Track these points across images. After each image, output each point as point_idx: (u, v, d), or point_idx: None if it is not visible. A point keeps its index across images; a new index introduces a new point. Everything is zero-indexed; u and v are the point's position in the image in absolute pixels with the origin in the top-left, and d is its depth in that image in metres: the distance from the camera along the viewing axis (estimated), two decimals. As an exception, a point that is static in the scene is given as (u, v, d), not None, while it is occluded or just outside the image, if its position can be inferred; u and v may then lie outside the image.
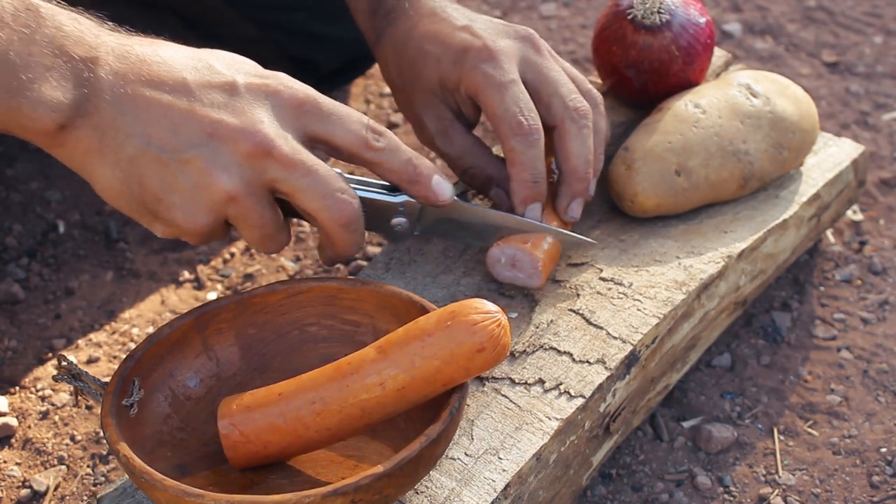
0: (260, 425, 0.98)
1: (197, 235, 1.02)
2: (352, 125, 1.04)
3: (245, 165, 0.99)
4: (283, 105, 1.01)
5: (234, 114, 0.99)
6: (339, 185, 1.02)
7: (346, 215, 1.02)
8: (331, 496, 0.89)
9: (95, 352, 1.37)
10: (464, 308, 0.94)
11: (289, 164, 0.99)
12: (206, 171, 0.98)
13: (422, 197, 1.08)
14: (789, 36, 1.87)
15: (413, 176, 1.07)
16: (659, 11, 1.30)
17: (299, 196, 1.01)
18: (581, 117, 1.17)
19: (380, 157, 1.05)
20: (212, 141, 0.98)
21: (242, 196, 1.00)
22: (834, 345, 1.35)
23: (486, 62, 1.15)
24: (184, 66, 1.00)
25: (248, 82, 1.01)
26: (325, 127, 1.03)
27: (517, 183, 1.15)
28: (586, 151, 1.17)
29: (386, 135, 1.05)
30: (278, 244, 1.06)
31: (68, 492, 1.21)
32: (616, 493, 1.20)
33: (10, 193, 1.58)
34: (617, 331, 1.14)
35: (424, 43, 1.19)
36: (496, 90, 1.14)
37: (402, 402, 0.95)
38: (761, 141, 1.27)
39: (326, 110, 1.03)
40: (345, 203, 1.02)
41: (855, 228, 1.50)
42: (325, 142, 1.04)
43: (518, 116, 1.13)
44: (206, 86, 1.00)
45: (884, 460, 1.22)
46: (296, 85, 1.03)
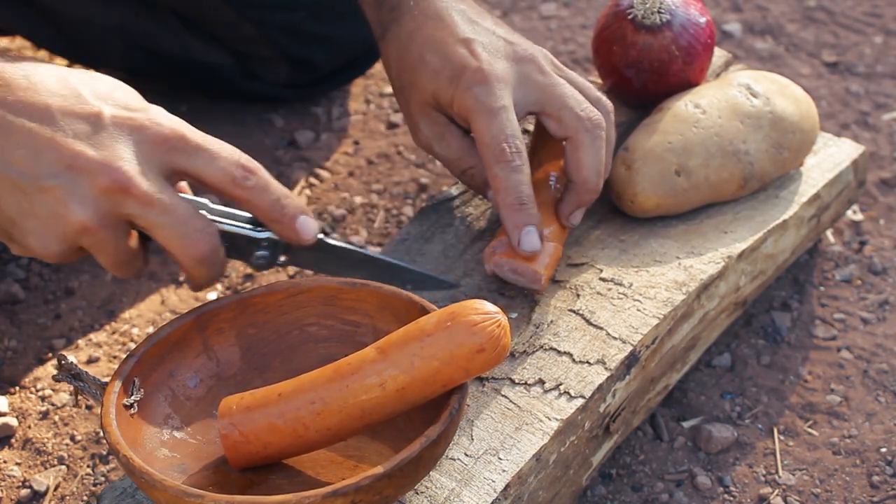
0: (260, 426, 0.98)
1: (50, 259, 1.02)
2: (221, 162, 1.02)
3: (101, 199, 0.98)
4: (147, 140, 1.01)
5: (95, 146, 0.98)
6: (197, 223, 1.02)
7: (201, 252, 1.02)
8: (331, 497, 0.89)
9: (95, 352, 1.37)
10: (464, 309, 0.94)
11: (146, 202, 0.99)
12: (63, 202, 0.98)
13: (285, 236, 1.07)
14: (789, 36, 1.87)
15: (278, 216, 1.05)
16: (659, 11, 1.30)
17: (155, 232, 1.01)
18: (595, 127, 1.16)
19: (247, 195, 1.04)
20: (70, 172, 0.98)
21: (96, 228, 0.99)
22: (834, 345, 1.35)
23: (479, 85, 1.14)
24: (50, 91, 0.99)
25: (114, 115, 1.00)
26: (193, 163, 1.02)
27: (505, 208, 1.14)
28: (598, 163, 1.17)
29: (256, 173, 1.04)
30: (133, 271, 1.06)
31: (68, 492, 1.21)
32: (616, 493, 1.20)
33: (10, 193, 1.58)
34: (617, 331, 1.14)
35: (425, 51, 1.19)
36: (485, 116, 1.14)
37: (401, 402, 0.95)
38: (761, 141, 1.27)
39: (194, 146, 1.02)
40: (202, 242, 1.02)
41: (855, 228, 1.50)
42: (193, 177, 1.03)
43: (501, 144, 1.13)
44: (71, 114, 0.99)
45: (884, 460, 1.22)
46: (164, 120, 1.02)
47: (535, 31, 1.89)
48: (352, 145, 1.68)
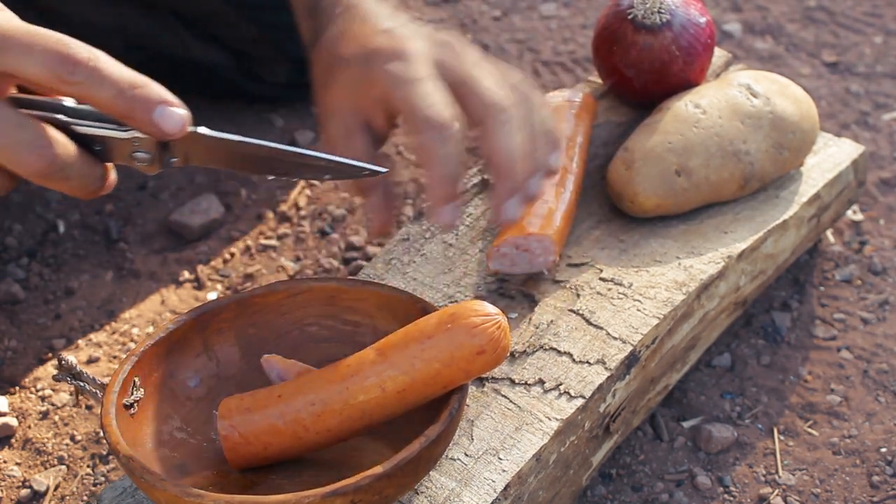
0: (260, 427, 0.98)
1: None
2: (41, 54, 0.89)
3: None
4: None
5: None
6: (20, 135, 0.90)
7: (36, 168, 0.91)
8: (330, 496, 0.89)
9: (95, 352, 1.37)
10: (464, 310, 0.94)
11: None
12: None
13: (146, 132, 0.94)
14: (789, 36, 1.87)
15: (126, 110, 0.92)
16: (659, 11, 1.30)
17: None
18: (500, 111, 1.06)
19: (80, 90, 0.90)
20: None
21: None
22: (834, 345, 1.35)
23: (395, 61, 1.06)
24: None
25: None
26: (7, 60, 0.89)
27: (430, 181, 1.03)
28: (510, 146, 1.06)
29: (84, 63, 0.90)
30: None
31: (68, 492, 1.21)
32: (616, 493, 1.20)
33: (10, 193, 1.58)
34: (617, 331, 1.14)
35: (342, 47, 1.12)
36: (403, 87, 1.04)
37: (401, 403, 0.95)
38: (761, 141, 1.27)
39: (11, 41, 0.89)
40: (31, 156, 0.90)
41: (855, 228, 1.50)
42: (14, 77, 0.91)
43: (426, 110, 1.03)
44: None
45: (884, 460, 1.22)
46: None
47: (535, 31, 1.89)
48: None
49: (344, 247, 1.50)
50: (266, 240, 1.52)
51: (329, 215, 1.55)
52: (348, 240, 1.50)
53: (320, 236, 1.52)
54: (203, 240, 1.52)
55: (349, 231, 1.52)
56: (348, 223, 1.54)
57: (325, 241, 1.51)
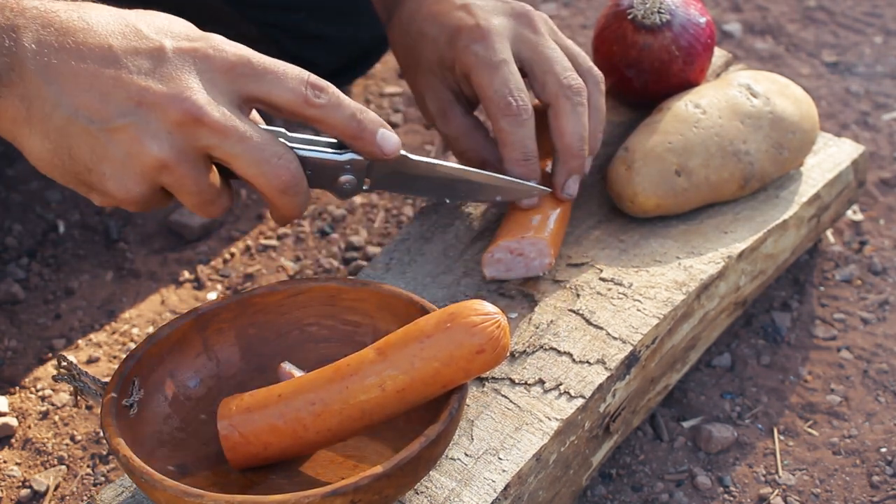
0: (259, 426, 0.98)
1: (133, 205, 1.00)
2: (289, 82, 1.01)
3: (175, 133, 0.96)
4: (213, 69, 0.99)
5: (162, 80, 0.96)
6: (275, 149, 0.99)
7: (284, 181, 1.00)
8: (330, 496, 0.89)
9: (95, 352, 1.37)
10: (463, 309, 0.94)
11: (220, 131, 0.97)
12: (136, 140, 0.96)
13: (367, 152, 1.05)
14: (789, 36, 1.87)
15: (356, 131, 1.03)
16: (659, 11, 1.30)
17: (234, 163, 0.99)
18: (575, 94, 1.17)
19: (321, 113, 1.01)
20: (140, 109, 0.96)
21: (174, 164, 0.97)
22: (834, 345, 1.35)
23: (477, 42, 1.15)
24: (109, 31, 0.97)
25: (176, 46, 0.98)
26: (261, 87, 1.00)
27: (508, 162, 1.15)
28: (580, 128, 1.17)
29: (327, 90, 1.02)
30: (219, 208, 1.04)
31: (68, 492, 1.21)
32: (616, 493, 1.20)
33: (10, 193, 1.58)
34: (617, 331, 1.14)
35: (424, 24, 1.20)
36: (486, 71, 1.14)
37: (401, 403, 0.95)
38: (761, 141, 1.27)
39: (261, 69, 1.00)
40: (281, 168, 1.00)
41: (855, 228, 1.50)
42: (263, 101, 1.01)
43: (507, 97, 1.14)
44: (133, 52, 0.97)
45: (884, 460, 1.22)
46: (227, 46, 1.00)
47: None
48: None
49: (344, 247, 1.50)
50: (266, 240, 1.52)
51: (329, 215, 1.55)
52: (348, 240, 1.50)
53: (320, 236, 1.52)
54: (203, 240, 1.52)
55: (349, 231, 1.53)
56: (348, 223, 1.54)
57: (325, 241, 1.51)
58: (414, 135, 1.68)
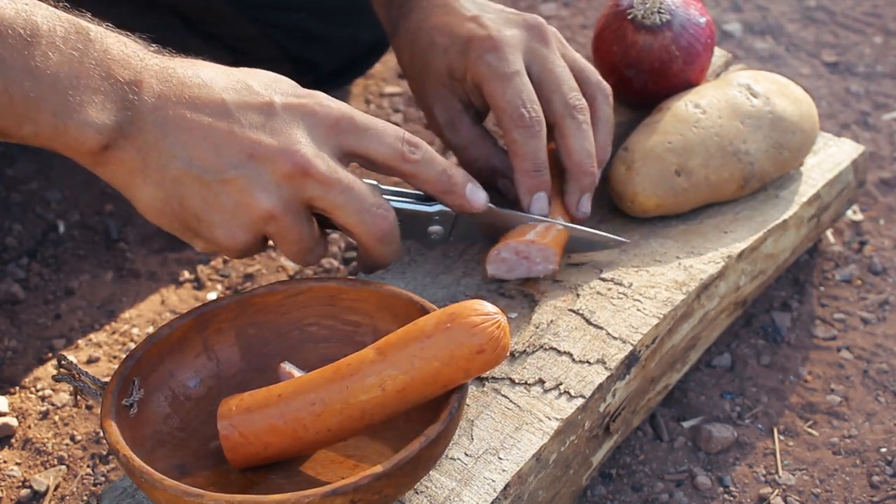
0: (260, 426, 0.98)
1: (236, 251, 1.05)
2: (387, 139, 1.06)
3: (284, 185, 1.01)
4: (319, 124, 1.03)
5: (272, 134, 1.01)
6: (376, 200, 1.05)
7: (383, 230, 1.05)
8: (330, 496, 0.89)
9: (95, 352, 1.37)
10: (463, 309, 0.94)
11: (326, 183, 1.02)
12: (247, 192, 1.01)
13: (457, 206, 1.11)
14: (789, 36, 1.87)
15: (448, 186, 1.09)
16: (659, 11, 1.30)
17: (337, 213, 1.04)
18: (579, 113, 1.18)
19: (415, 168, 1.07)
20: (252, 161, 1.00)
21: (281, 214, 1.02)
22: (834, 345, 1.35)
23: (490, 52, 1.16)
24: (223, 87, 1.02)
25: (285, 102, 1.03)
26: (361, 142, 1.05)
27: (520, 173, 1.16)
28: (588, 146, 1.18)
29: (421, 147, 1.07)
30: (316, 257, 1.09)
31: (68, 492, 1.21)
32: (616, 493, 1.20)
33: (10, 193, 1.58)
34: (617, 331, 1.14)
35: (434, 34, 1.21)
36: (499, 82, 1.16)
37: (401, 403, 0.95)
38: (761, 141, 1.27)
39: (362, 126, 1.05)
40: (381, 218, 1.05)
41: (855, 228, 1.50)
42: (362, 156, 1.06)
43: (520, 109, 1.15)
44: (245, 106, 1.01)
45: (884, 460, 1.22)
46: (331, 103, 1.05)
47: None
48: None
49: (344, 247, 1.50)
50: (266, 240, 1.52)
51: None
52: (348, 240, 1.50)
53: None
54: (203, 240, 1.52)
55: (349, 231, 1.52)
56: (348, 223, 1.54)
57: (325, 241, 1.51)
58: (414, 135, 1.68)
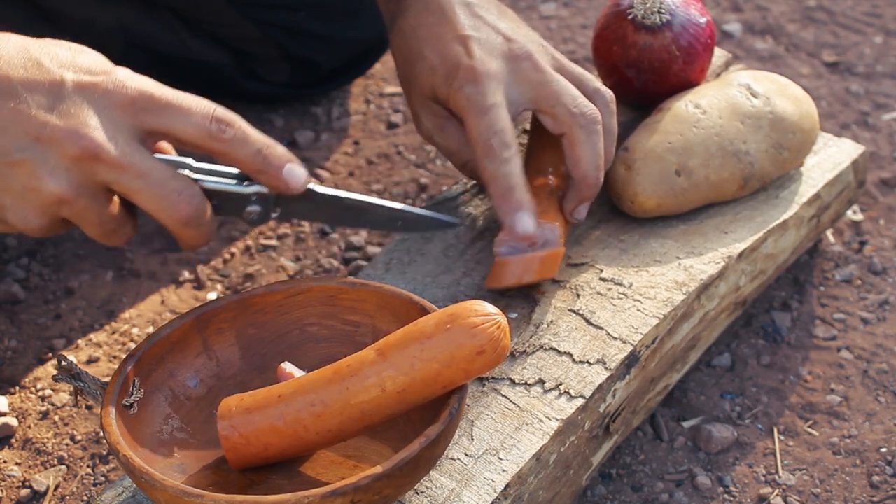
0: (260, 427, 0.97)
1: (34, 233, 1.01)
2: (194, 117, 1.00)
3: (73, 168, 0.97)
4: (113, 104, 0.99)
5: (60, 115, 0.97)
6: (175, 184, 1.00)
7: (184, 214, 1.01)
8: (330, 496, 0.89)
9: (95, 352, 1.37)
10: (463, 310, 0.94)
11: (118, 167, 0.98)
12: (34, 175, 0.97)
13: (272, 187, 1.05)
14: (789, 36, 1.87)
15: (261, 166, 1.03)
16: (659, 11, 1.30)
17: (134, 197, 1.00)
18: (589, 122, 1.17)
19: (226, 147, 1.02)
20: (38, 144, 0.97)
21: (73, 198, 0.98)
22: (834, 345, 1.35)
23: (470, 84, 1.15)
24: (11, 63, 0.97)
25: (76, 81, 0.98)
26: (163, 120, 1.00)
27: (496, 198, 1.15)
28: (596, 157, 1.18)
29: (234, 124, 1.02)
30: (122, 237, 1.04)
31: (68, 492, 1.21)
32: (616, 493, 1.20)
33: (10, 193, 1.58)
34: (617, 331, 1.14)
35: (424, 47, 1.20)
36: (475, 114, 1.15)
37: (401, 404, 0.95)
38: (761, 141, 1.27)
39: (164, 103, 1.00)
40: (182, 203, 1.00)
41: (855, 228, 1.50)
42: (167, 135, 1.01)
43: (490, 140, 1.14)
44: (33, 84, 0.97)
45: (884, 460, 1.22)
46: (130, 82, 1.00)
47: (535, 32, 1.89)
48: (352, 145, 1.68)
49: (344, 247, 1.50)
50: (266, 240, 1.52)
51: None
52: (348, 240, 1.50)
53: (320, 236, 1.52)
54: (203, 240, 1.52)
55: (349, 231, 1.52)
56: (348, 223, 1.54)
57: (325, 241, 1.51)
58: (414, 135, 1.68)
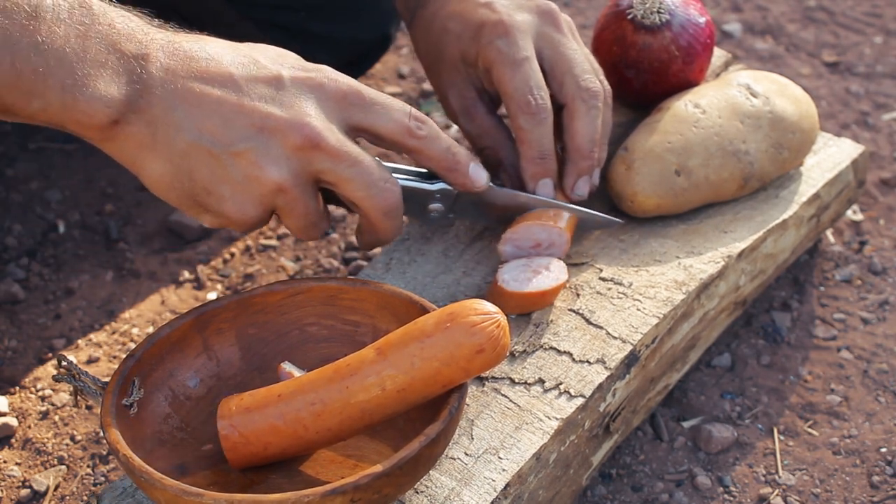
0: (260, 426, 0.98)
1: (244, 225, 1.05)
2: (394, 114, 1.06)
3: (293, 157, 1.02)
4: (327, 97, 1.04)
5: (282, 107, 1.02)
6: (383, 174, 1.05)
7: (390, 203, 1.06)
8: (330, 495, 0.89)
9: (95, 352, 1.37)
10: (463, 309, 0.94)
11: (335, 155, 1.02)
12: (257, 164, 1.01)
13: (459, 184, 1.11)
14: (789, 36, 1.87)
15: (451, 164, 1.09)
16: (658, 11, 1.30)
17: (345, 186, 1.04)
18: (591, 97, 1.19)
19: (421, 144, 1.07)
20: (262, 134, 1.01)
21: (290, 187, 1.02)
22: (834, 345, 1.35)
23: (500, 37, 1.17)
24: (230, 61, 1.02)
25: (293, 76, 1.03)
26: (369, 117, 1.05)
27: (525, 160, 1.17)
28: (593, 131, 1.19)
29: (427, 123, 1.08)
30: (320, 231, 1.09)
31: (68, 492, 1.21)
32: (616, 493, 1.20)
33: (10, 193, 1.58)
34: (617, 330, 1.14)
35: (448, 21, 1.22)
36: (508, 67, 1.16)
37: (401, 403, 0.95)
38: (761, 141, 1.27)
39: (370, 100, 1.06)
40: (388, 191, 1.05)
41: (855, 228, 1.50)
42: (369, 131, 1.07)
43: (527, 95, 1.15)
44: (253, 80, 1.02)
45: (884, 460, 1.22)
46: (339, 77, 1.06)
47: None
48: None
49: (344, 247, 1.50)
50: (266, 240, 1.52)
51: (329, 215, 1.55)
52: (348, 240, 1.50)
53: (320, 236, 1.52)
54: (203, 240, 1.52)
55: (349, 231, 1.53)
56: (348, 223, 1.54)
57: (325, 241, 1.51)
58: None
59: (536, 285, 1.13)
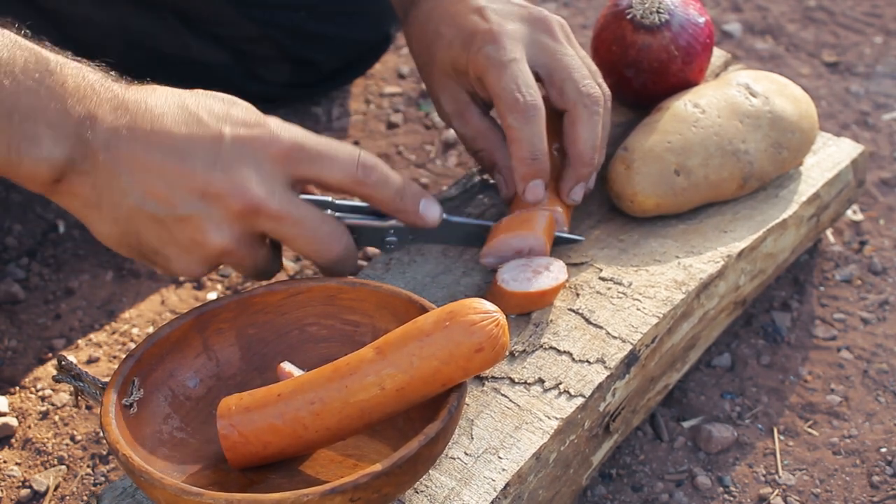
0: (259, 426, 0.98)
1: (193, 277, 1.08)
2: (341, 164, 1.07)
3: (236, 222, 1.03)
4: (270, 157, 1.05)
5: (223, 171, 1.02)
6: (327, 228, 1.07)
7: (336, 254, 1.08)
8: (329, 495, 0.89)
9: (95, 352, 1.37)
10: (462, 308, 0.94)
11: (277, 218, 1.04)
12: (201, 229, 1.03)
13: (410, 223, 1.14)
14: (789, 36, 1.87)
15: (400, 207, 1.11)
16: (658, 11, 1.30)
17: (291, 243, 1.07)
18: (593, 103, 1.18)
19: (369, 191, 1.09)
20: (204, 200, 1.02)
21: (234, 249, 1.05)
22: (834, 345, 1.35)
23: (489, 44, 1.16)
24: (173, 119, 1.03)
25: (234, 135, 1.04)
26: (313, 168, 1.07)
27: (516, 161, 1.16)
28: (594, 137, 1.18)
29: (376, 168, 1.09)
30: (271, 274, 1.12)
31: (68, 492, 1.21)
32: (616, 493, 1.20)
33: (10, 193, 1.58)
34: (616, 330, 1.14)
35: (440, 25, 1.21)
36: (496, 69, 1.15)
37: (401, 402, 0.95)
38: (760, 140, 1.27)
39: (315, 153, 1.06)
40: (334, 244, 1.08)
41: (855, 228, 1.50)
42: (315, 182, 1.08)
43: (515, 93, 1.14)
44: (195, 141, 1.02)
45: (884, 460, 1.22)
46: (283, 133, 1.06)
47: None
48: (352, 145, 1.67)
49: (344, 247, 1.50)
50: (266, 240, 1.52)
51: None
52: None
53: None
54: (203, 240, 1.52)
55: (349, 231, 1.52)
56: (348, 223, 1.54)
57: (325, 241, 1.51)
58: (414, 135, 1.68)
59: (536, 285, 1.13)
